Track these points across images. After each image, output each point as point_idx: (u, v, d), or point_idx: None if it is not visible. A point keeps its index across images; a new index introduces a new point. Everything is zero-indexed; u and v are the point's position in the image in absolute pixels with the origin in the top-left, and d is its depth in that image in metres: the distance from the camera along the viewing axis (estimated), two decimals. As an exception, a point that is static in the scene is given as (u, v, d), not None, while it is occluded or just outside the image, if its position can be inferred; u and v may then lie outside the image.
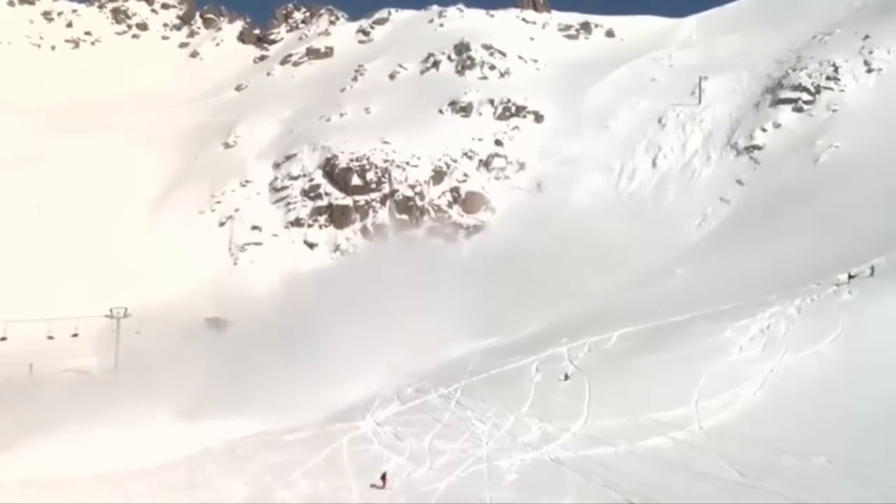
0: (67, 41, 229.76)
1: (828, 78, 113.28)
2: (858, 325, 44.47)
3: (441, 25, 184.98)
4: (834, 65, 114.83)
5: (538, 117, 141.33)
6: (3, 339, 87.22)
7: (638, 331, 54.87)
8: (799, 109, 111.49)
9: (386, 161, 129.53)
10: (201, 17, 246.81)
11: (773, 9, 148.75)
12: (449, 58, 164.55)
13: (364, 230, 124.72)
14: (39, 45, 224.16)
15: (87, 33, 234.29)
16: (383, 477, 36.89)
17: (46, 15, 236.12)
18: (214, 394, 54.97)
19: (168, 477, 40.58)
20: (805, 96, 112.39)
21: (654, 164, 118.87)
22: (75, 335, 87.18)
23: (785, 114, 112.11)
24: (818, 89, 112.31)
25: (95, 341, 78.65)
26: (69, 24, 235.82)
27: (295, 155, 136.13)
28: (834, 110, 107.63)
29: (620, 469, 33.98)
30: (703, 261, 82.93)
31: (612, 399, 42.49)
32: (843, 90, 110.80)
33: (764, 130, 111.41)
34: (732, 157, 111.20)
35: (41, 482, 38.93)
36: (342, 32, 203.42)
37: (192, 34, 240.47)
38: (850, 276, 54.48)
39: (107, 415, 53.03)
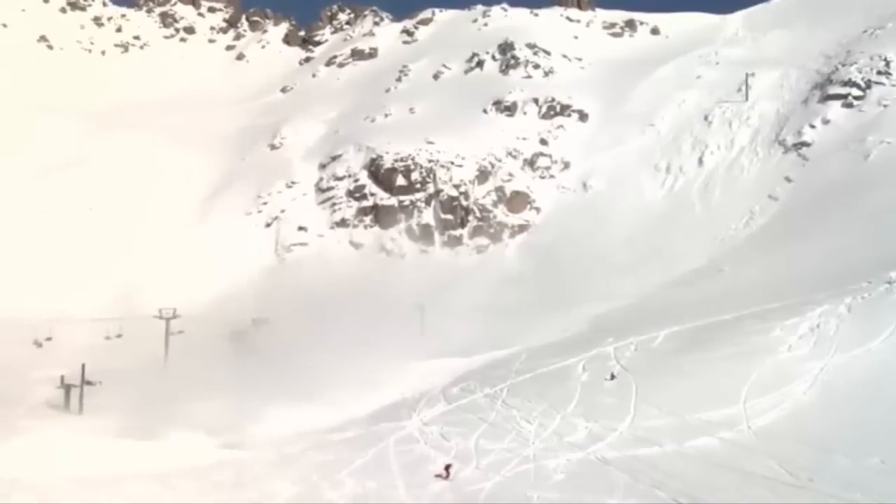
0: (117, 46, 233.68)
1: (879, 73, 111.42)
2: (911, 323, 43.71)
3: (485, 25, 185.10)
4: (885, 59, 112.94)
5: (583, 116, 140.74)
6: (49, 339, 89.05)
7: (685, 330, 54.39)
8: (849, 105, 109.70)
9: (430, 161, 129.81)
10: (247, 19, 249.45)
11: (822, 3, 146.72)
12: (493, 57, 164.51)
13: (409, 230, 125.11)
14: (90, 50, 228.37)
15: (136, 38, 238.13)
16: (447, 468, 37.18)
17: (97, 20, 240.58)
18: (258, 395, 55.27)
19: (216, 476, 40.92)
20: (855, 92, 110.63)
21: (700, 161, 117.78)
22: (119, 336, 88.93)
23: (834, 110, 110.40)
24: (868, 84, 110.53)
25: (136, 341, 79.50)
26: (119, 29, 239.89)
27: (340, 156, 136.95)
28: (885, 106, 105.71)
29: (668, 469, 33.69)
30: (751, 259, 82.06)
31: (658, 399, 42.15)
32: (894, 85, 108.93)
33: (813, 127, 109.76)
34: (780, 155, 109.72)
35: (91, 480, 39.47)
36: (386, 33, 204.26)
37: (238, 37, 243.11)
38: (902, 274, 53.56)
39: (158, 414, 53.67)
